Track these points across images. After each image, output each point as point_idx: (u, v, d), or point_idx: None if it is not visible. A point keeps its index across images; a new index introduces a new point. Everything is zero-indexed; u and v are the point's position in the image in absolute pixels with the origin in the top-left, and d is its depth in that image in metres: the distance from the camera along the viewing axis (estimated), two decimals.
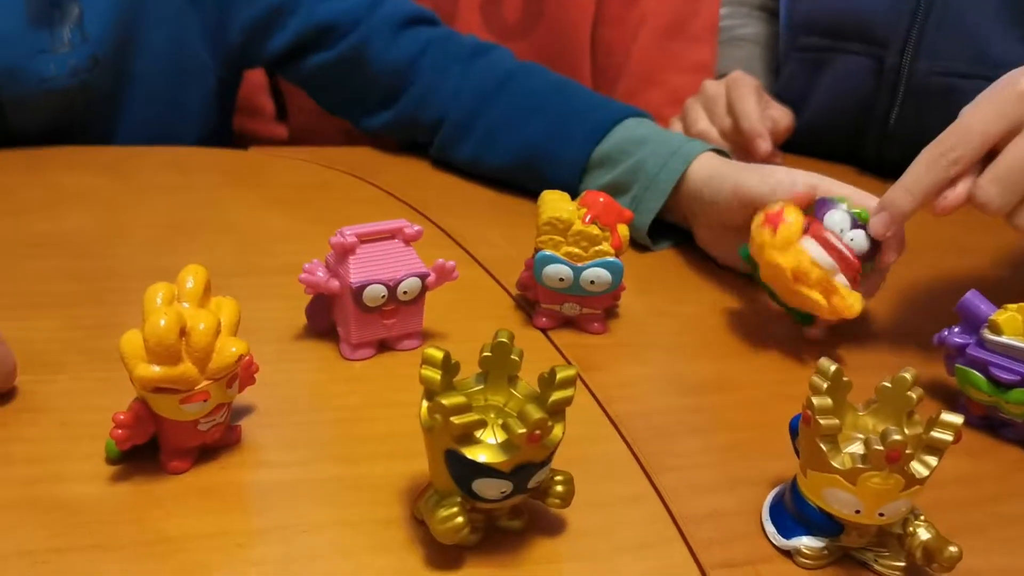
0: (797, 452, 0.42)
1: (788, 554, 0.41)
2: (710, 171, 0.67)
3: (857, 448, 0.41)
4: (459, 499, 0.38)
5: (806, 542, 0.41)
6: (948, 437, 0.38)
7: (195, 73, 0.86)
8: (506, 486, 0.37)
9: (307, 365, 0.53)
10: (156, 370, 0.39)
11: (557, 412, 0.38)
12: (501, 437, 0.37)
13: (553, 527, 0.42)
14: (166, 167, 0.81)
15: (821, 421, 0.39)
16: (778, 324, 0.61)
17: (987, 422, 0.52)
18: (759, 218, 0.56)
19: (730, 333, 0.61)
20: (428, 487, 0.40)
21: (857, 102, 0.92)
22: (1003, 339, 0.49)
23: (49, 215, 0.68)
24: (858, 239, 0.56)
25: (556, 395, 0.38)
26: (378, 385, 0.51)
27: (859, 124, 0.93)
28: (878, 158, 0.93)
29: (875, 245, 0.56)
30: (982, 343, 0.50)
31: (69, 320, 0.54)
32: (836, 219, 0.56)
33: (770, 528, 0.42)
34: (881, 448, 0.37)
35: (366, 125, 0.87)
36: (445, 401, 0.36)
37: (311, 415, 0.48)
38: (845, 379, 0.41)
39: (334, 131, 1.02)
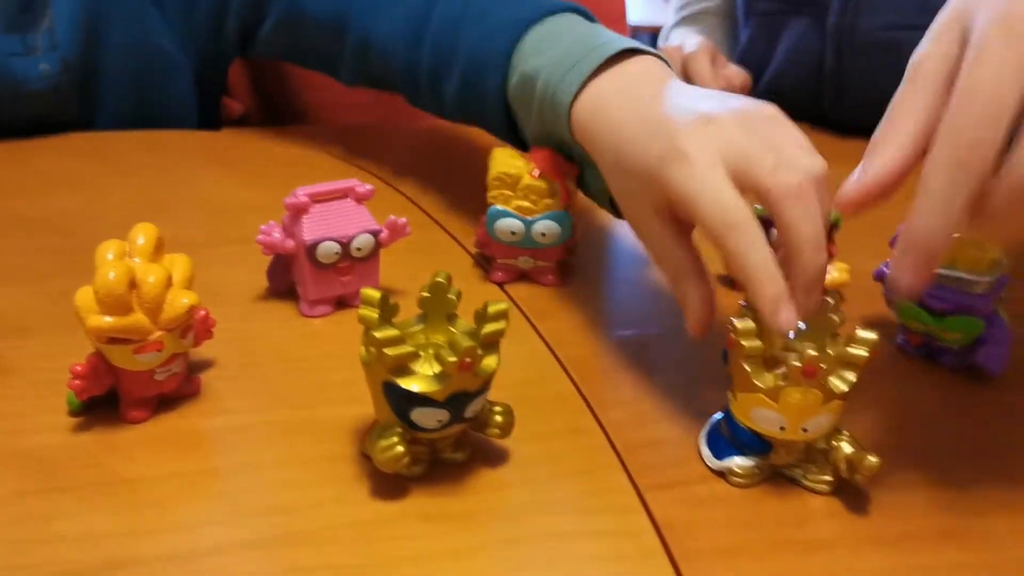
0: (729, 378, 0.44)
1: (722, 475, 0.43)
2: (601, 108, 0.52)
3: (777, 368, 0.43)
4: (399, 430, 0.40)
5: (738, 462, 0.43)
6: (864, 352, 0.40)
7: (166, 71, 0.87)
8: (443, 415, 0.39)
9: (267, 323, 0.55)
10: (107, 320, 0.41)
11: (490, 344, 0.40)
12: (436, 368, 0.39)
13: (495, 457, 0.44)
14: (143, 149, 0.83)
15: (744, 343, 0.41)
16: (723, 273, 0.63)
17: (926, 351, 0.54)
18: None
19: None
20: (374, 423, 0.42)
21: (810, 62, 0.94)
22: (937, 269, 0.51)
23: (29, 198, 0.70)
24: None
25: (488, 327, 0.39)
26: (335, 339, 0.53)
27: (814, 83, 0.94)
28: (836, 115, 0.95)
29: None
30: None
31: (39, 290, 0.56)
32: None
33: (705, 451, 0.44)
34: (798, 364, 0.39)
35: (345, 82, 0.81)
36: (379, 334, 0.38)
37: (269, 367, 0.50)
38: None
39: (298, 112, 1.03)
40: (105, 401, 0.45)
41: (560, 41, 0.57)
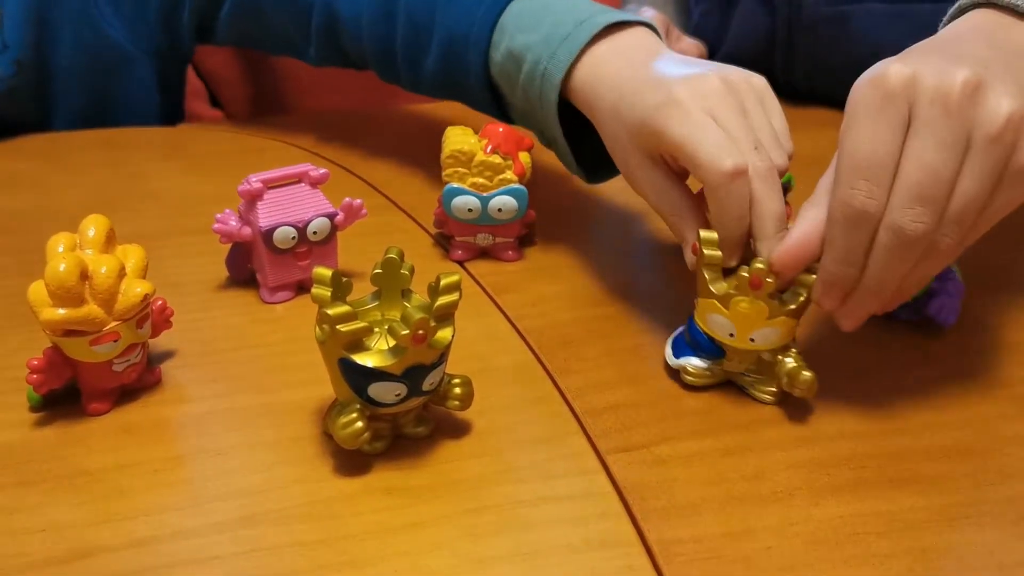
0: None
1: (676, 373, 0.47)
2: (601, 71, 0.54)
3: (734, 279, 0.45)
4: (358, 406, 0.40)
5: (692, 362, 0.46)
6: (812, 276, 0.43)
7: (120, 65, 0.86)
8: (400, 388, 0.40)
9: (228, 312, 0.55)
10: (60, 312, 0.41)
11: (445, 316, 0.40)
12: (390, 342, 0.39)
13: (458, 430, 0.44)
14: (97, 147, 0.82)
15: (705, 251, 0.44)
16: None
17: None
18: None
19: (642, 249, 0.63)
20: (334, 403, 0.42)
21: (761, 37, 0.94)
22: None
23: None
24: None
25: (442, 300, 0.40)
26: (296, 324, 0.53)
27: (766, 57, 0.95)
28: (788, 86, 0.95)
29: None
30: None
31: None
32: None
33: (667, 351, 0.48)
34: (747, 275, 0.42)
35: (313, 63, 0.80)
36: (331, 311, 0.38)
37: (230, 354, 0.50)
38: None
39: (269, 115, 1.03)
40: (66, 395, 0.45)
41: (545, 16, 0.57)
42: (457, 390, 0.43)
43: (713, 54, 0.99)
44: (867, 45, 0.84)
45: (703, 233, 0.44)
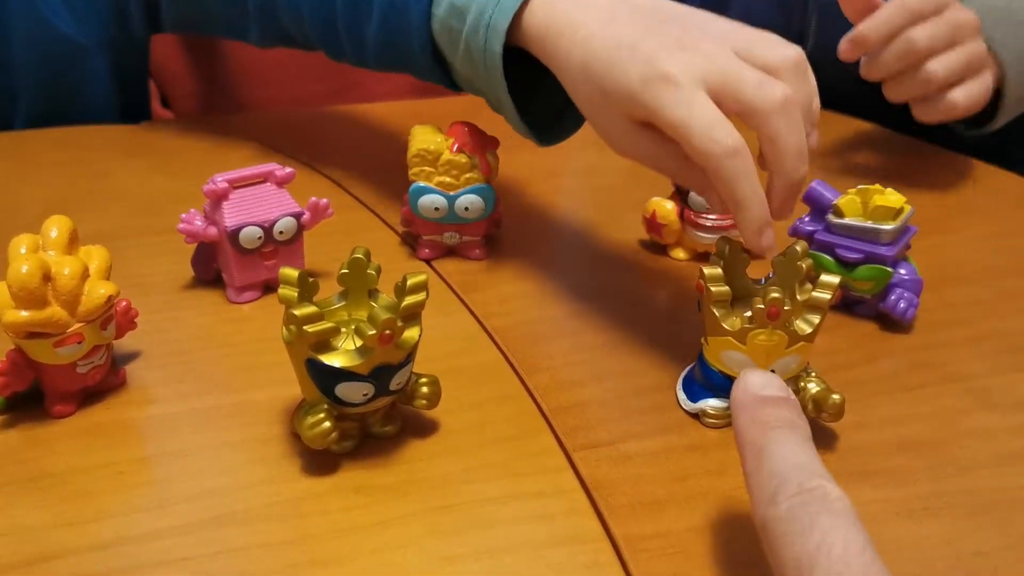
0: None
1: (696, 417, 0.45)
2: (555, 16, 0.51)
3: (745, 312, 0.44)
4: (326, 406, 0.40)
5: (711, 403, 0.45)
6: (826, 295, 0.42)
7: (73, 58, 0.84)
8: (367, 388, 0.40)
9: (194, 312, 0.54)
10: (24, 315, 0.40)
11: (411, 316, 0.40)
12: (357, 343, 0.39)
13: (425, 429, 0.44)
14: (58, 145, 0.81)
15: (712, 288, 0.43)
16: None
17: (842, 302, 0.55)
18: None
19: (607, 248, 0.64)
20: (301, 403, 0.42)
21: (778, 21, 0.94)
22: (845, 220, 0.52)
23: None
24: None
25: (409, 300, 0.40)
26: (263, 324, 0.53)
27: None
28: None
29: None
30: (828, 227, 0.53)
31: None
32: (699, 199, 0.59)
33: (680, 395, 0.47)
34: (762, 306, 0.41)
35: (257, 45, 0.78)
36: (297, 312, 0.38)
37: (197, 355, 0.50)
38: (743, 254, 0.45)
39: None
40: (30, 397, 0.44)
41: None
42: (424, 389, 0.43)
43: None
44: None
45: (707, 270, 0.43)
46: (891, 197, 0.52)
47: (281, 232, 0.54)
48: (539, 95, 0.57)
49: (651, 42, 0.45)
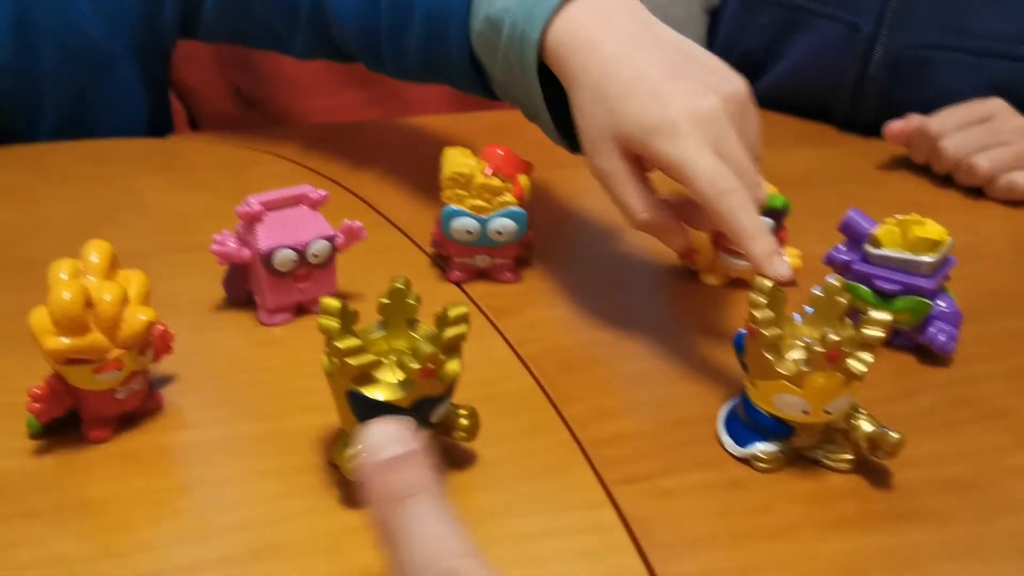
0: (744, 366, 0.45)
1: (746, 461, 0.45)
2: (578, 35, 0.53)
3: (798, 354, 0.43)
4: None
5: (761, 447, 0.44)
6: (879, 333, 0.41)
7: (100, 63, 0.84)
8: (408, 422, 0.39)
9: (226, 333, 0.54)
10: (65, 342, 0.40)
11: (452, 348, 0.40)
12: (399, 375, 0.39)
13: (463, 460, 0.44)
14: (85, 158, 0.81)
15: (764, 332, 0.42)
16: (679, 265, 0.63)
17: None
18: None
19: (639, 273, 0.63)
20: (340, 432, 0.42)
21: (830, 66, 0.93)
22: (883, 251, 0.52)
23: None
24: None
25: (450, 332, 0.40)
26: (295, 347, 0.53)
27: (831, 87, 0.94)
28: (848, 119, 0.95)
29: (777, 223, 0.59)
30: (865, 257, 0.53)
31: None
32: None
33: (726, 439, 0.46)
34: (822, 350, 0.40)
35: (295, 55, 0.80)
36: (340, 344, 0.38)
37: (230, 378, 0.50)
38: (782, 292, 0.44)
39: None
40: (66, 421, 0.44)
41: None
42: (464, 421, 0.43)
43: (763, 69, 0.99)
44: (940, 92, 0.85)
45: (757, 313, 0.42)
46: (931, 228, 0.51)
47: (315, 255, 0.54)
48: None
49: (670, 86, 0.48)
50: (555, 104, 0.56)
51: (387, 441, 0.28)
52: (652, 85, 0.49)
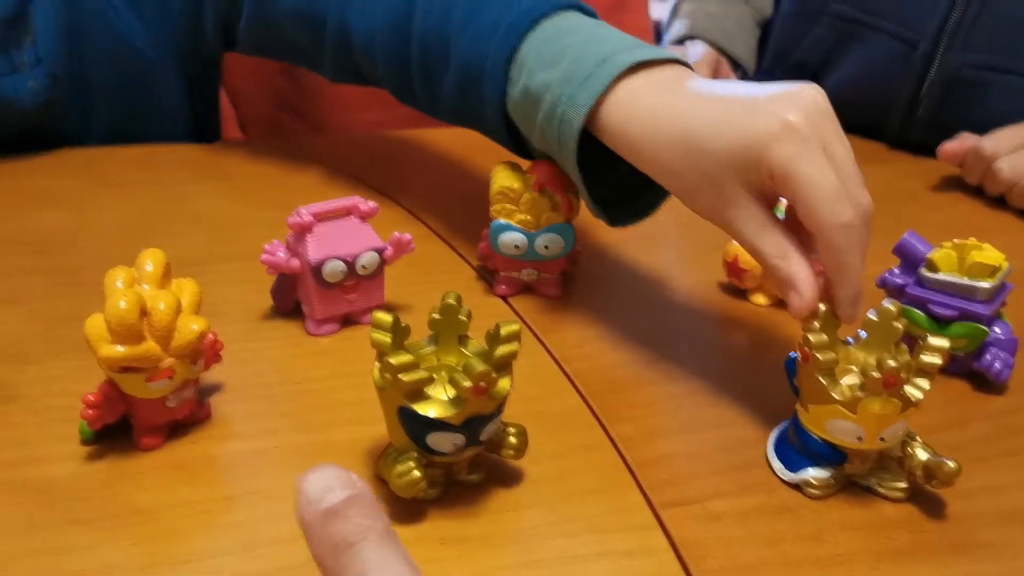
0: (795, 390, 0.45)
1: (797, 487, 0.44)
2: (634, 106, 0.50)
3: (852, 379, 0.43)
4: (415, 454, 0.40)
5: (812, 473, 0.43)
6: (937, 360, 0.41)
7: (147, 74, 0.85)
8: (459, 439, 0.39)
9: (274, 343, 0.54)
10: (120, 350, 0.40)
11: (503, 366, 0.40)
12: (450, 392, 0.39)
13: (511, 478, 0.44)
14: (135, 164, 0.82)
15: (819, 356, 0.41)
16: (726, 283, 0.63)
17: None
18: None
19: (685, 291, 0.63)
20: (388, 447, 0.42)
21: (884, 82, 0.93)
22: (939, 276, 0.51)
23: (17, 216, 0.70)
24: None
25: (501, 349, 0.39)
26: (343, 357, 0.53)
27: (884, 103, 0.94)
28: (899, 137, 0.94)
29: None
30: (920, 282, 0.52)
31: (35, 314, 0.55)
32: None
33: (776, 464, 0.45)
34: (879, 375, 0.40)
35: (328, 76, 0.78)
36: (393, 360, 0.37)
37: (278, 389, 0.50)
38: (835, 316, 0.44)
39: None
40: (116, 427, 0.44)
41: (565, 50, 0.53)
42: (512, 439, 0.42)
43: (814, 81, 0.98)
44: (994, 114, 0.84)
45: (813, 338, 0.42)
46: (989, 253, 0.51)
47: (364, 267, 0.54)
48: (614, 173, 0.56)
49: (764, 99, 0.45)
50: (594, 174, 0.55)
51: (327, 488, 0.27)
52: (746, 104, 0.45)
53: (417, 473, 0.39)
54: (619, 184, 0.57)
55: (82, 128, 0.85)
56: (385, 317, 0.39)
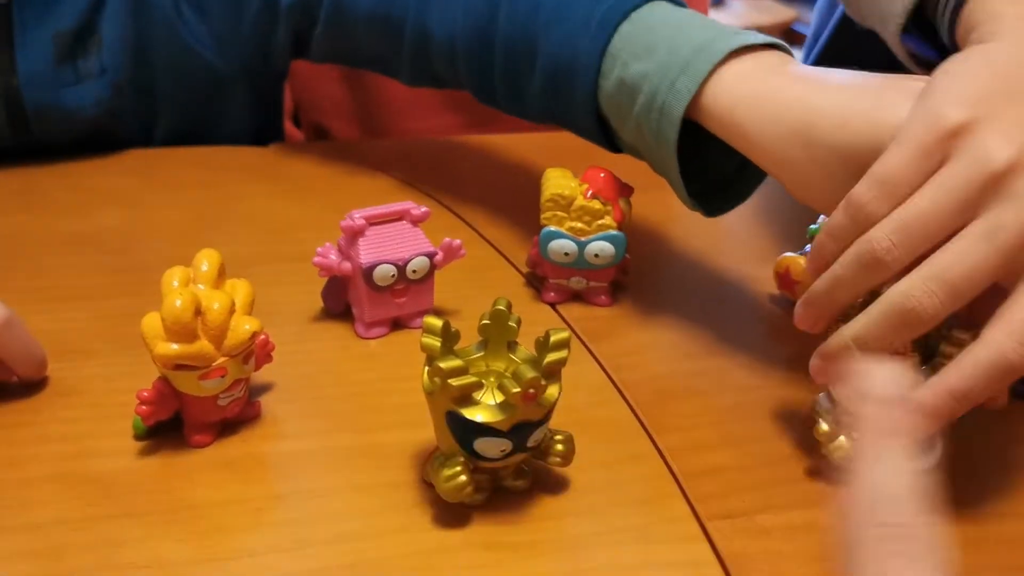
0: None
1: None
2: (743, 91, 0.49)
3: None
4: (462, 459, 0.40)
5: None
6: None
7: (213, 85, 0.86)
8: (506, 444, 0.39)
9: (324, 344, 0.55)
10: (174, 348, 0.41)
11: (552, 373, 0.40)
12: (499, 398, 0.39)
13: (556, 485, 0.44)
14: (192, 165, 0.83)
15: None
16: (777, 295, 0.62)
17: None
18: None
19: (735, 302, 0.62)
20: (435, 451, 0.42)
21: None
22: None
23: (79, 215, 0.71)
24: None
25: (551, 357, 0.39)
26: (391, 361, 0.54)
27: None
28: None
29: None
30: None
31: (97, 311, 0.57)
32: None
33: None
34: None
35: (404, 81, 0.78)
36: (443, 364, 0.38)
37: (327, 390, 0.51)
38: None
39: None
40: (168, 424, 0.45)
41: (660, 40, 0.53)
42: (559, 447, 0.42)
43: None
44: None
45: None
46: None
47: (414, 271, 0.54)
48: (707, 164, 0.55)
49: (911, 83, 0.43)
50: (690, 154, 0.54)
51: (892, 382, 0.29)
52: (878, 87, 0.44)
53: (464, 478, 0.39)
54: (707, 175, 0.57)
55: (145, 134, 0.86)
56: (436, 322, 0.40)
